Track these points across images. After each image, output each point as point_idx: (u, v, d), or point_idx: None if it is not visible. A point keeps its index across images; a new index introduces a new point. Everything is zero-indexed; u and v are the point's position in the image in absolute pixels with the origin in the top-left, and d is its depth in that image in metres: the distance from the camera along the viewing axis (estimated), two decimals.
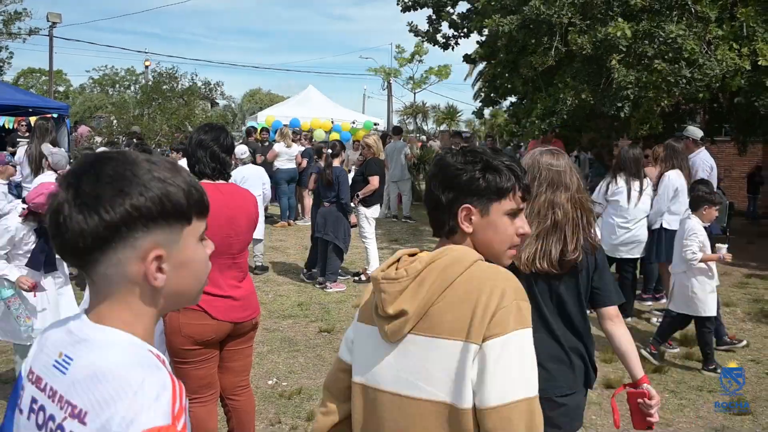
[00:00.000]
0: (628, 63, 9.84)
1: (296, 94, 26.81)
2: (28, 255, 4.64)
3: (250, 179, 8.85)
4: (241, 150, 9.23)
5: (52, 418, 1.22)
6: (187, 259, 1.32)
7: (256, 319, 3.84)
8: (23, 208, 4.54)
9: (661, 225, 7.36)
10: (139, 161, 1.27)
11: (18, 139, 13.29)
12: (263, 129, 17.03)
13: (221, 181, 3.72)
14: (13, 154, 10.20)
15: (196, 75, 24.04)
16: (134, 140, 12.30)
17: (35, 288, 4.57)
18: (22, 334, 4.60)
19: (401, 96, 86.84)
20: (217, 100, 28.51)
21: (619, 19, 9.69)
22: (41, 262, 4.64)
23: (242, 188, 3.97)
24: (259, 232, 9.60)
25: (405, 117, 39.73)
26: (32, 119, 15.40)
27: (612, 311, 2.79)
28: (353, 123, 20.85)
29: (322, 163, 9.28)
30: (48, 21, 30.99)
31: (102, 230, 1.19)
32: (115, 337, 1.23)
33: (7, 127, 16.75)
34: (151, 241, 1.23)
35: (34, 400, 1.28)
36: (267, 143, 14.93)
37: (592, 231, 2.77)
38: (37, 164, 8.09)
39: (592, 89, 10.30)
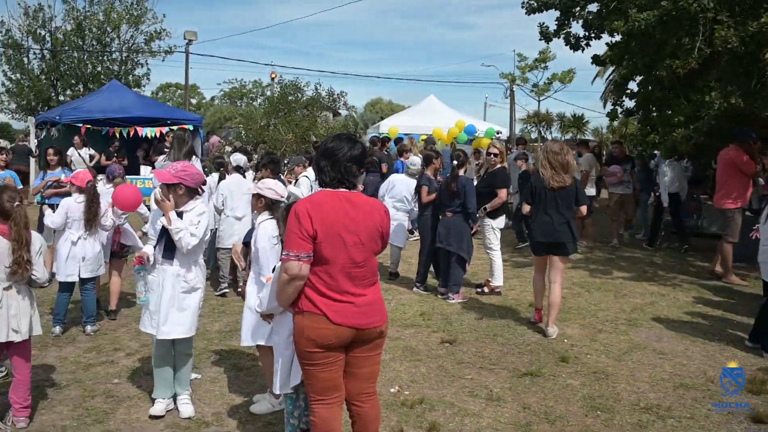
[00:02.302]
0: None
1: (417, 103, 26.87)
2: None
3: (398, 186, 9.87)
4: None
5: None
6: None
7: (382, 327, 3.83)
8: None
9: None
10: None
11: (165, 149, 14.06)
12: (386, 138, 17.14)
13: (343, 190, 3.74)
14: (124, 165, 11.16)
15: (320, 85, 24.64)
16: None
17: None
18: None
19: (525, 105, 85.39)
20: (339, 110, 29.12)
21: None
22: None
23: (371, 198, 3.96)
24: (399, 239, 9.68)
25: (527, 125, 39.05)
26: (172, 129, 16.32)
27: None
28: (475, 131, 20.64)
29: (429, 173, 9.15)
30: (185, 39, 32.79)
31: None
32: None
33: (149, 137, 17.81)
34: None
35: None
36: (387, 153, 15.04)
37: None
38: None
39: (742, 91, 9.61)
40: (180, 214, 4.96)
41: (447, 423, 5.02)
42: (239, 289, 8.58)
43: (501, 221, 9.00)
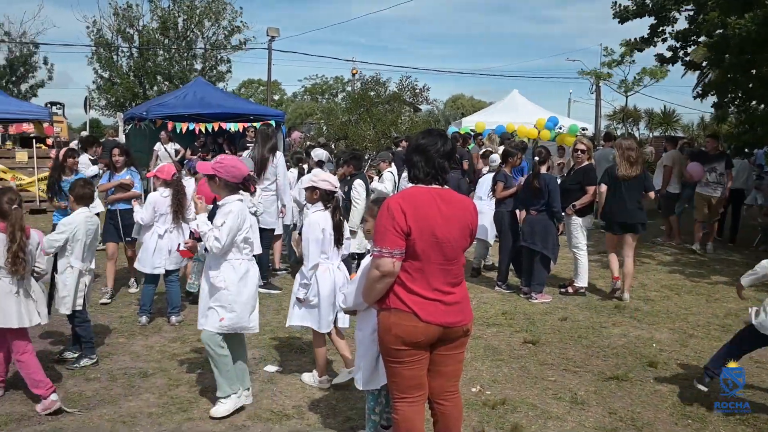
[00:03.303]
0: None
1: (500, 99, 26.52)
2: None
3: (486, 183, 9.73)
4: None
5: None
6: None
7: (468, 326, 3.78)
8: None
9: None
10: None
11: (247, 144, 14.38)
12: (467, 135, 16.97)
13: (436, 186, 3.69)
14: (207, 160, 10.99)
15: (407, 78, 24.55)
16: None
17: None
18: None
19: (611, 100, 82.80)
20: (420, 106, 29.06)
21: None
22: None
23: (461, 195, 3.91)
24: (490, 235, 9.55)
25: (613, 121, 37.95)
26: (254, 125, 16.63)
27: None
28: (560, 128, 20.22)
29: (506, 170, 8.97)
30: (267, 35, 33.40)
31: None
32: None
33: (232, 131, 18.19)
34: None
35: None
36: (467, 150, 14.87)
37: None
38: (261, 166, 8.62)
39: None
40: (216, 209, 5.06)
41: (529, 425, 4.90)
42: None
43: (588, 220, 8.74)
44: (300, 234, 5.58)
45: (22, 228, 5.01)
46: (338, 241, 5.36)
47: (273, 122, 18.10)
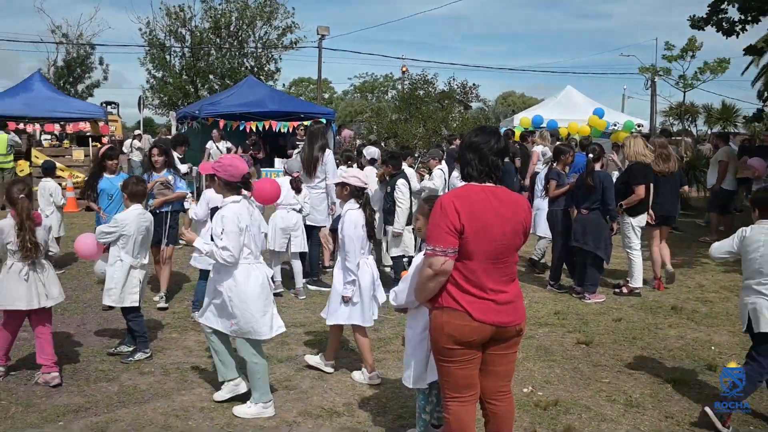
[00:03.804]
0: None
1: (553, 95, 26.14)
2: None
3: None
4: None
5: None
6: None
7: (521, 325, 3.73)
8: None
9: None
10: None
11: (297, 142, 14.44)
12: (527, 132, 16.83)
13: (490, 184, 3.64)
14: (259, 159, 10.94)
15: (454, 78, 24.46)
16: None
17: None
18: None
19: (668, 96, 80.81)
20: (470, 103, 28.89)
21: None
22: None
23: (515, 193, 3.87)
24: (545, 230, 9.42)
25: (669, 118, 36.99)
26: (305, 123, 16.75)
27: None
28: (614, 125, 19.83)
29: (559, 168, 8.81)
30: (318, 34, 33.60)
31: None
32: None
33: (282, 131, 18.35)
34: None
35: None
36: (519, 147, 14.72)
37: None
38: (310, 165, 8.65)
39: None
40: (215, 209, 5.19)
41: (583, 427, 4.81)
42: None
43: (642, 219, 8.52)
44: (331, 230, 5.72)
45: (30, 216, 5.36)
46: (370, 236, 5.52)
47: (323, 120, 18.21)
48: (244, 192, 5.06)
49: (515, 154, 12.28)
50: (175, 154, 10.89)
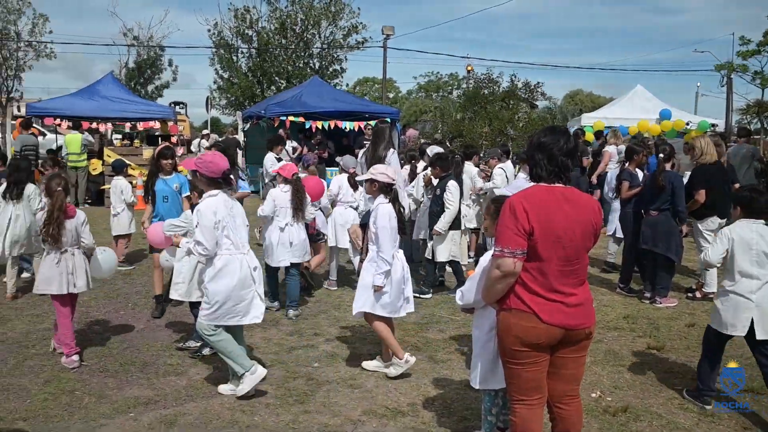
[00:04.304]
0: None
1: (622, 94, 25.54)
2: None
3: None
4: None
5: None
6: None
7: (591, 328, 3.65)
8: None
9: None
10: None
11: (364, 142, 14.57)
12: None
13: (559, 185, 3.57)
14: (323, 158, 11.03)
15: (516, 77, 24.18)
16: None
17: None
18: None
19: (745, 93, 77.54)
20: (536, 102, 28.50)
21: None
22: None
23: (585, 194, 3.80)
24: (618, 231, 9.24)
25: (746, 116, 35.58)
26: (371, 123, 16.81)
27: None
28: (688, 124, 19.24)
29: (631, 168, 8.57)
30: (383, 34, 33.73)
31: None
32: None
33: (347, 129, 18.47)
34: None
35: None
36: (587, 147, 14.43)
37: None
38: (374, 163, 8.65)
39: None
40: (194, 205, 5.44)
41: None
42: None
43: (711, 223, 8.18)
44: (361, 225, 5.97)
45: (61, 207, 5.73)
46: (401, 230, 5.65)
47: (389, 120, 18.25)
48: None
49: (583, 153, 12.05)
50: (272, 155, 11.09)
